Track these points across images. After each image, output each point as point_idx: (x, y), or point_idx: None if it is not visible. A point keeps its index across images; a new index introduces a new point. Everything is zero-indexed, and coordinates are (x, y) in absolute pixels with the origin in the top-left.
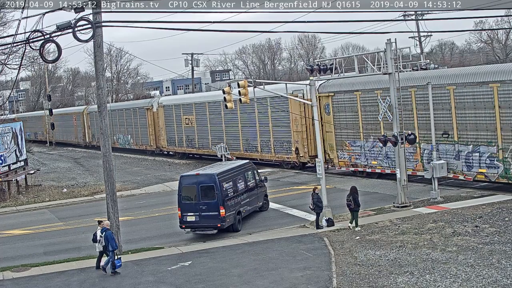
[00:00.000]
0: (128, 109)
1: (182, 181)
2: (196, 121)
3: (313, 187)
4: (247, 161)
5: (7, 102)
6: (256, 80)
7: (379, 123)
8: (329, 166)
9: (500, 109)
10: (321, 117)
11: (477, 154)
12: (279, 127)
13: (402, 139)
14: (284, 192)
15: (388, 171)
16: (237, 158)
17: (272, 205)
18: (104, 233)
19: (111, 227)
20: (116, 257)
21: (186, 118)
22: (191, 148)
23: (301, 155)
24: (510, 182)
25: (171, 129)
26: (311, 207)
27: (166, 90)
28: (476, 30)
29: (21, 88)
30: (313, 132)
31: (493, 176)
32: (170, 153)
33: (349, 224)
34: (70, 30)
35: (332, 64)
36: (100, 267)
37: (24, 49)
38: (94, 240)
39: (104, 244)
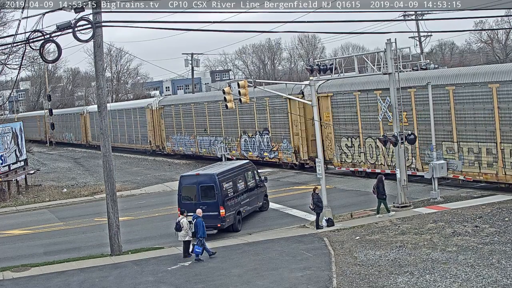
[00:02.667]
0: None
1: (182, 181)
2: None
3: (313, 187)
4: (247, 161)
5: (7, 102)
6: (256, 80)
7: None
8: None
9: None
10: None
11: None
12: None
13: (402, 139)
14: (284, 192)
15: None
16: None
17: (272, 205)
18: (195, 220)
19: (111, 227)
20: (205, 245)
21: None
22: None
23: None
24: None
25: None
26: (311, 207)
27: (166, 90)
28: (476, 30)
29: (21, 88)
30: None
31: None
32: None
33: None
34: (70, 30)
35: (332, 64)
36: (191, 254)
37: (24, 49)
38: (178, 229)
39: (194, 230)
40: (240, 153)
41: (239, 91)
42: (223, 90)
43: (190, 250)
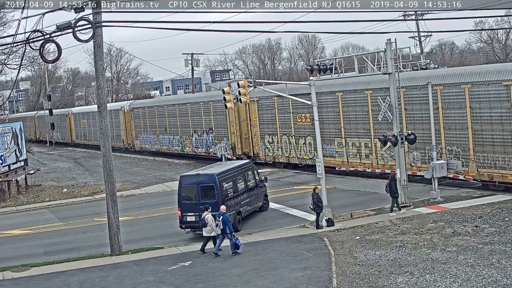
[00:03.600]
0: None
1: (182, 181)
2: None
3: (313, 187)
4: (247, 161)
5: (7, 102)
6: (256, 80)
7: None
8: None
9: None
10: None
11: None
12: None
13: (402, 139)
14: (284, 192)
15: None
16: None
17: (272, 205)
18: (221, 217)
19: (111, 227)
20: (235, 238)
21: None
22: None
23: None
24: None
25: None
26: (311, 207)
27: (166, 90)
28: (476, 30)
29: (21, 88)
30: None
31: None
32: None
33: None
34: (70, 30)
35: (332, 64)
36: (206, 251)
37: (24, 49)
38: (204, 225)
39: (222, 227)
40: (192, 149)
41: (239, 91)
42: (223, 90)
43: (214, 249)
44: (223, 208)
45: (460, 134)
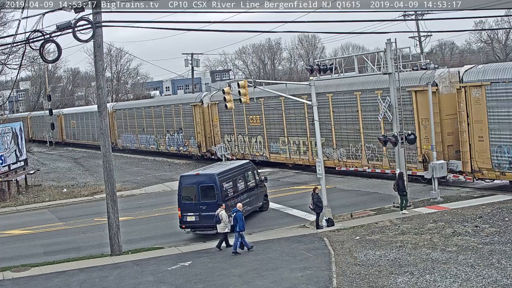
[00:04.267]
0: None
1: (182, 181)
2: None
3: (313, 187)
4: (247, 161)
5: (7, 102)
6: (256, 80)
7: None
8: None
9: None
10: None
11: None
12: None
13: (402, 139)
14: (284, 192)
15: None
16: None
17: (272, 205)
18: (235, 214)
19: (111, 227)
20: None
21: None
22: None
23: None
24: None
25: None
26: (311, 207)
27: (166, 90)
28: (476, 30)
29: (21, 88)
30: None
31: None
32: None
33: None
34: (70, 30)
35: (332, 64)
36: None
37: (24, 49)
38: (217, 221)
39: (233, 223)
40: (165, 147)
41: (239, 91)
42: (223, 90)
43: (229, 243)
44: (239, 206)
45: (375, 133)
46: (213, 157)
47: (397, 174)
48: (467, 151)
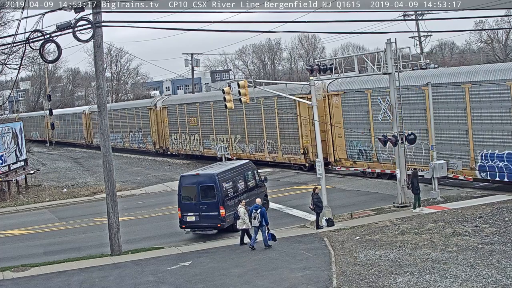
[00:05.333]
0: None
1: (182, 181)
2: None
3: (313, 187)
4: (247, 161)
5: (7, 102)
6: (256, 80)
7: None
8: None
9: None
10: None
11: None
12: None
13: (402, 139)
14: (284, 192)
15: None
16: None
17: (272, 205)
18: (259, 209)
19: (111, 227)
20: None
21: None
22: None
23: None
24: None
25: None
26: (311, 207)
27: (166, 90)
28: (476, 30)
29: (21, 88)
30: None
31: None
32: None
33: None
34: (70, 30)
35: (332, 64)
36: (248, 244)
37: (24, 49)
38: (236, 217)
39: (260, 220)
40: (129, 144)
41: (239, 91)
42: (223, 90)
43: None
44: (258, 201)
45: (273, 131)
46: (167, 152)
47: (412, 173)
48: (331, 145)
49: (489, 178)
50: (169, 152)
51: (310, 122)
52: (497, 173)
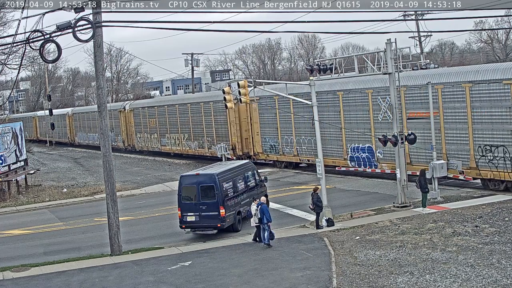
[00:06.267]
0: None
1: (182, 181)
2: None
3: (314, 187)
4: (247, 161)
5: (7, 102)
6: (256, 80)
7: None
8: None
9: None
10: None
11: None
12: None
13: (402, 139)
14: (284, 192)
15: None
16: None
17: (272, 205)
18: (259, 206)
19: (111, 227)
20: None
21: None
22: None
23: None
24: None
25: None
26: (311, 207)
27: (166, 90)
28: (476, 30)
29: (21, 88)
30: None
31: None
32: None
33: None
34: (70, 30)
35: (332, 64)
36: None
37: (24, 49)
38: (249, 215)
39: (259, 216)
40: (93, 143)
41: (239, 91)
42: (223, 90)
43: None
44: (263, 199)
45: (211, 131)
46: (134, 149)
47: (419, 171)
48: (251, 141)
49: (356, 166)
50: (135, 149)
51: (236, 123)
52: (361, 163)
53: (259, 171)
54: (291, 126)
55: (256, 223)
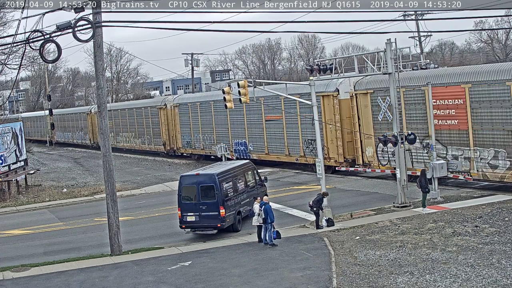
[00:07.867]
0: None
1: (182, 181)
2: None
3: (322, 192)
4: (247, 161)
5: (7, 102)
6: (256, 80)
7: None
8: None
9: None
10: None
11: None
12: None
13: (402, 139)
14: (284, 192)
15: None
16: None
17: (272, 205)
18: (263, 206)
19: (111, 227)
20: (273, 229)
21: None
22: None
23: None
24: None
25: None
26: (310, 204)
27: (166, 90)
28: (476, 30)
29: (21, 88)
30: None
31: None
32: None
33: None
34: (70, 30)
35: (332, 64)
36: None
37: (24, 49)
38: (252, 214)
39: (263, 216)
40: (76, 141)
41: (239, 91)
42: (223, 90)
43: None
44: (265, 198)
45: (148, 130)
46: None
47: (420, 171)
48: (175, 139)
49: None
50: (96, 146)
51: (165, 124)
52: (240, 154)
53: (259, 171)
54: (198, 127)
55: (260, 222)
